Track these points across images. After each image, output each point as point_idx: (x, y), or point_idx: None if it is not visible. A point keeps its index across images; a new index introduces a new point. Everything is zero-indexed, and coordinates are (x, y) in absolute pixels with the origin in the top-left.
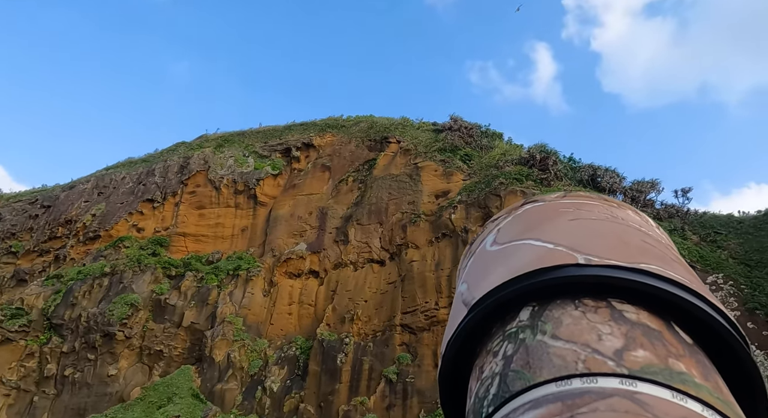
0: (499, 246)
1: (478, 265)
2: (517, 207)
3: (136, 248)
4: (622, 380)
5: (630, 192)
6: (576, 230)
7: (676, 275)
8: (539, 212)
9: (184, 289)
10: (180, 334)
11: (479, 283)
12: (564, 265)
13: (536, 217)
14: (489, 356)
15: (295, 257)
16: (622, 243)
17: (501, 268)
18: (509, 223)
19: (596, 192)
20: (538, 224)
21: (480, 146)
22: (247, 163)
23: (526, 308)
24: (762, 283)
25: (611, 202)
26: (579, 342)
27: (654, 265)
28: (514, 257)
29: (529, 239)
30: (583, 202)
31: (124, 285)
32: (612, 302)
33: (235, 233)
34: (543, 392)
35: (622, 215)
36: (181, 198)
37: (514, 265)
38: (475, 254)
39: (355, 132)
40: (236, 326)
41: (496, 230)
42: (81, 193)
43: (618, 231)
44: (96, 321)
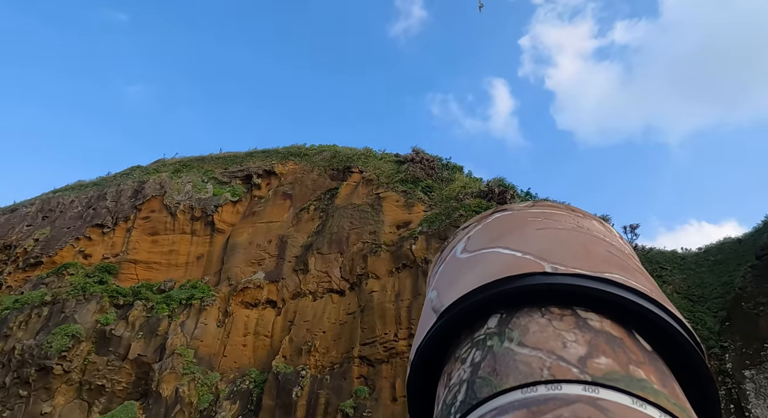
0: (469, 253)
1: (448, 272)
2: (487, 215)
3: (82, 276)
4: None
5: None
6: (543, 239)
7: (638, 285)
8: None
9: (132, 319)
10: (125, 367)
11: (449, 290)
12: (532, 273)
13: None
14: (457, 363)
15: (252, 286)
16: (588, 252)
17: (470, 275)
18: (479, 231)
19: None
20: (507, 233)
21: (441, 178)
22: (205, 189)
23: (495, 315)
24: (703, 317)
25: (577, 212)
26: (545, 349)
27: (617, 274)
28: (484, 265)
29: (499, 247)
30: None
31: (65, 315)
32: (577, 310)
33: (190, 260)
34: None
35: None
36: (133, 223)
37: (484, 272)
38: (446, 261)
39: (317, 161)
40: (187, 358)
41: (466, 238)
42: (24, 216)
43: (583, 240)
44: (31, 354)
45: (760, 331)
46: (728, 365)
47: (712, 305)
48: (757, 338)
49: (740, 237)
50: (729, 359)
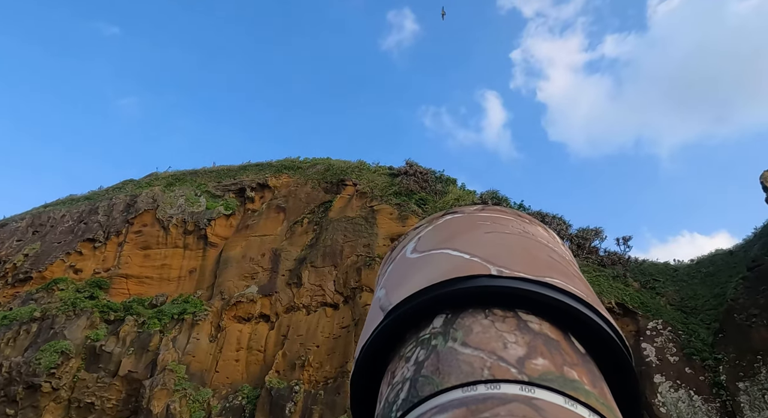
0: (419, 254)
1: (397, 271)
2: (438, 217)
3: (72, 291)
4: (522, 386)
5: (576, 239)
6: (491, 243)
7: (575, 290)
8: (459, 223)
9: (122, 334)
10: (115, 384)
11: (397, 289)
12: (478, 275)
13: (455, 228)
14: (402, 361)
15: (245, 301)
16: (531, 257)
17: (419, 275)
18: (430, 232)
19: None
20: (456, 235)
21: (434, 191)
22: (198, 202)
23: (440, 315)
24: (697, 329)
25: (524, 217)
26: (486, 350)
27: (558, 279)
28: (432, 265)
29: (448, 248)
30: (499, 216)
31: (55, 331)
32: (519, 313)
33: (183, 274)
34: (450, 398)
35: (532, 231)
36: (125, 238)
37: (432, 273)
38: (396, 260)
39: (311, 174)
40: (178, 374)
41: (417, 238)
42: (13, 231)
43: (528, 246)
44: (19, 371)
45: (753, 343)
46: (722, 377)
47: (705, 317)
48: (750, 350)
49: (731, 249)
50: (723, 371)
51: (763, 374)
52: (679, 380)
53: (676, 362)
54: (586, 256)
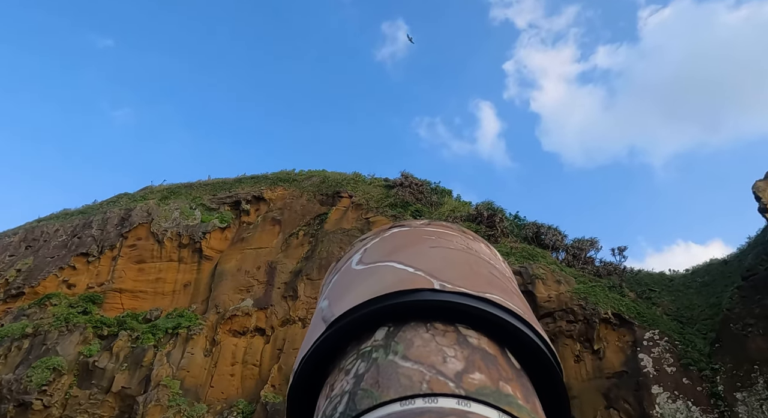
0: (364, 265)
1: (341, 282)
2: (385, 229)
3: (65, 306)
4: (459, 400)
5: (571, 249)
6: (435, 257)
7: (513, 306)
8: (405, 236)
9: (116, 350)
10: (108, 401)
11: (340, 300)
12: (421, 289)
13: (401, 241)
14: (341, 374)
15: (240, 314)
16: (473, 273)
17: (362, 287)
18: (376, 244)
19: (540, 249)
20: (402, 248)
21: (430, 203)
22: (193, 215)
23: (382, 327)
24: (693, 339)
25: (468, 234)
26: (426, 363)
27: (497, 295)
28: (376, 278)
29: (393, 261)
30: (444, 231)
31: (47, 347)
32: (459, 327)
33: (177, 288)
34: (388, 411)
35: (475, 247)
36: (119, 252)
37: (376, 285)
38: (341, 271)
39: (306, 186)
40: (172, 389)
41: (363, 250)
42: (6, 246)
43: (471, 261)
44: (10, 389)
45: (749, 352)
46: (719, 387)
47: (702, 327)
48: (747, 360)
49: (726, 258)
50: (720, 381)
51: (760, 384)
52: (676, 390)
53: (674, 373)
54: (582, 266)
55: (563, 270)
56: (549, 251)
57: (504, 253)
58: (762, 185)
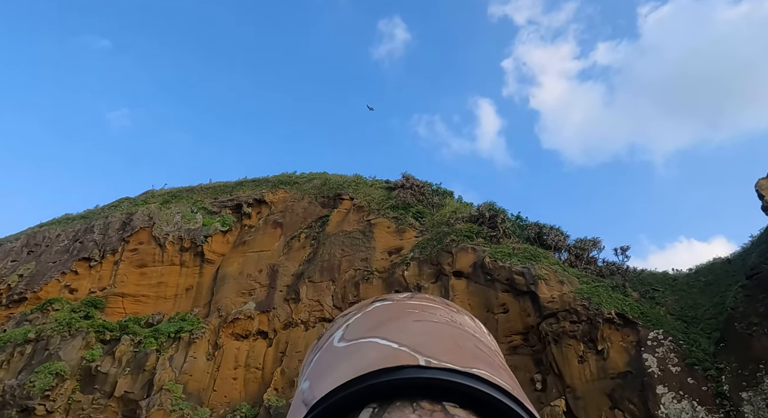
0: (346, 342)
1: (323, 361)
2: (367, 304)
3: (67, 311)
4: None
5: (574, 250)
6: (419, 332)
7: (501, 382)
8: (388, 310)
9: (118, 354)
10: (111, 405)
11: (322, 381)
12: (406, 366)
13: (384, 315)
14: None
15: (243, 317)
16: (458, 347)
17: (345, 365)
18: (359, 319)
19: (543, 249)
20: (385, 323)
21: (431, 204)
22: (195, 219)
23: (367, 408)
24: (698, 339)
25: (452, 306)
26: None
27: (484, 370)
28: (359, 355)
29: (376, 337)
30: (428, 304)
31: (49, 352)
32: (446, 406)
33: (179, 292)
34: None
35: (460, 320)
36: (121, 256)
37: (359, 363)
38: (322, 349)
39: (308, 189)
40: (175, 394)
41: (345, 326)
42: (8, 251)
43: (456, 335)
44: (13, 394)
45: (754, 352)
46: (725, 386)
47: (706, 327)
48: (752, 359)
49: (729, 257)
50: (725, 380)
51: (766, 383)
52: (681, 390)
53: (678, 373)
54: (585, 267)
55: (566, 270)
56: (551, 252)
57: (506, 254)
58: (765, 183)
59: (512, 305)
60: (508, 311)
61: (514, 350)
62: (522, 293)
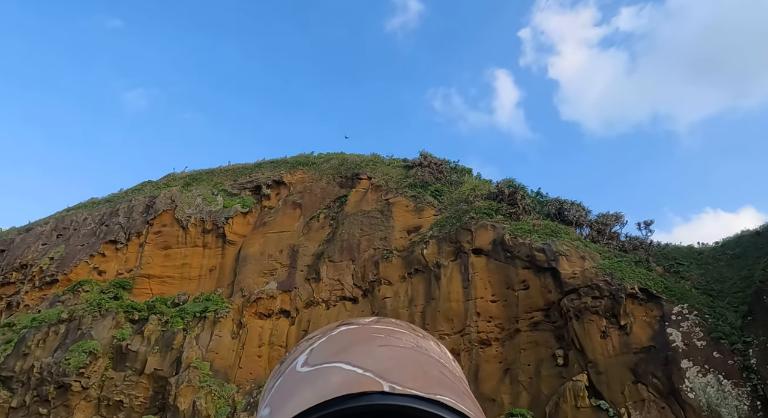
0: (309, 367)
1: (285, 387)
2: (332, 328)
3: (97, 292)
4: None
5: (595, 225)
6: (385, 357)
7: (465, 409)
8: (353, 334)
9: (147, 333)
10: (142, 382)
11: (283, 407)
12: (370, 392)
13: (349, 339)
14: None
15: (265, 297)
16: (423, 373)
17: (308, 391)
18: (323, 343)
19: (564, 225)
20: (350, 347)
21: (450, 182)
22: (216, 201)
23: None
24: (724, 313)
25: (418, 331)
26: None
27: (448, 397)
28: (323, 380)
29: (340, 361)
30: (394, 329)
31: (82, 332)
32: None
33: (203, 273)
34: None
35: (425, 345)
36: (146, 238)
37: (323, 389)
38: (285, 374)
39: (326, 169)
40: (203, 371)
41: (309, 350)
42: (38, 235)
43: (421, 361)
44: (50, 372)
45: None
46: (752, 360)
47: (733, 300)
48: None
49: (758, 229)
50: (753, 354)
51: None
52: (707, 364)
53: (704, 347)
54: (607, 242)
55: (587, 246)
56: (572, 227)
57: (526, 230)
58: None
59: (533, 281)
60: (528, 287)
61: (535, 327)
62: (543, 269)
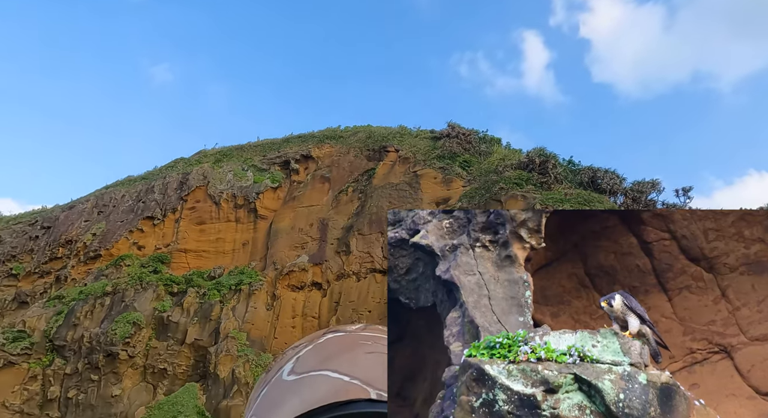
0: (296, 376)
1: (271, 395)
2: (318, 336)
3: (138, 266)
4: None
5: (630, 193)
6: (371, 364)
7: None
8: (339, 342)
9: (186, 305)
10: (183, 351)
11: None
12: (357, 400)
13: (336, 347)
14: None
15: (297, 270)
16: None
17: (294, 400)
18: (309, 351)
19: (597, 194)
20: (336, 355)
21: (479, 152)
22: (246, 177)
23: None
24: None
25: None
26: None
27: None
28: (310, 389)
29: (327, 369)
30: (381, 336)
31: (126, 304)
32: None
33: (236, 247)
34: None
35: None
36: (181, 214)
37: (309, 397)
38: (270, 383)
39: (353, 142)
40: (240, 341)
41: (295, 359)
42: (81, 212)
43: None
44: (98, 341)
45: None
46: None
47: None
48: None
49: None
50: None
51: None
52: None
53: None
54: (643, 210)
55: None
56: (606, 196)
57: (558, 200)
58: None
59: None
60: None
61: None
62: None
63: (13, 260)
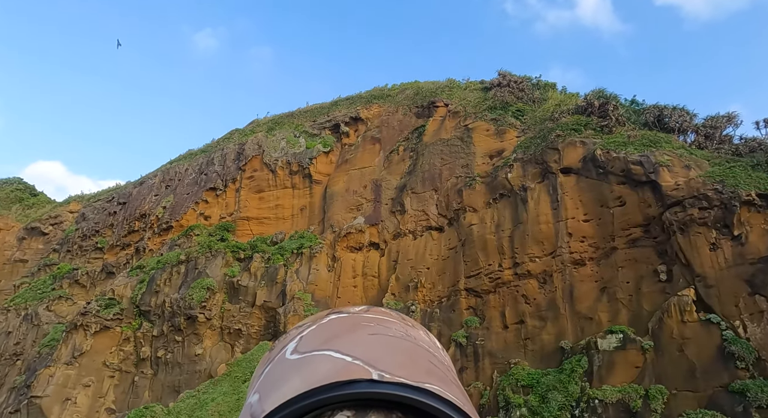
0: (299, 355)
1: (274, 374)
2: (322, 316)
3: (206, 235)
4: None
5: (702, 130)
6: (374, 345)
7: (452, 397)
8: (343, 323)
9: (253, 270)
10: (255, 313)
11: (272, 394)
12: (359, 380)
13: (339, 328)
14: None
15: (354, 231)
16: (412, 362)
17: (296, 379)
18: (313, 331)
19: (664, 133)
20: (339, 335)
21: (532, 100)
22: (298, 143)
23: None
24: None
25: (407, 320)
26: None
27: (436, 385)
28: (312, 368)
29: (330, 350)
30: (383, 318)
31: (199, 271)
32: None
33: (295, 212)
34: None
35: (414, 334)
36: (240, 184)
37: (311, 376)
38: (274, 361)
39: (401, 100)
40: (305, 301)
41: (298, 338)
42: (150, 187)
43: (410, 350)
44: (178, 306)
45: None
46: None
47: None
48: None
49: None
50: None
51: None
52: None
53: None
54: (717, 146)
55: (693, 154)
56: (675, 135)
57: (620, 143)
58: None
59: (629, 197)
60: (624, 203)
61: (633, 243)
62: (640, 183)
63: (97, 234)
